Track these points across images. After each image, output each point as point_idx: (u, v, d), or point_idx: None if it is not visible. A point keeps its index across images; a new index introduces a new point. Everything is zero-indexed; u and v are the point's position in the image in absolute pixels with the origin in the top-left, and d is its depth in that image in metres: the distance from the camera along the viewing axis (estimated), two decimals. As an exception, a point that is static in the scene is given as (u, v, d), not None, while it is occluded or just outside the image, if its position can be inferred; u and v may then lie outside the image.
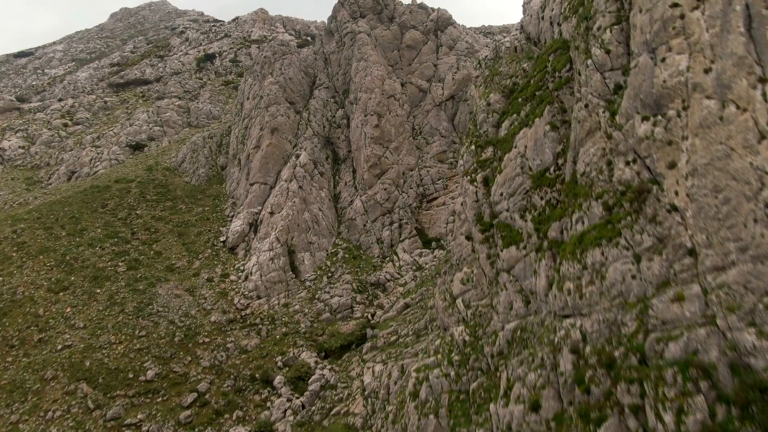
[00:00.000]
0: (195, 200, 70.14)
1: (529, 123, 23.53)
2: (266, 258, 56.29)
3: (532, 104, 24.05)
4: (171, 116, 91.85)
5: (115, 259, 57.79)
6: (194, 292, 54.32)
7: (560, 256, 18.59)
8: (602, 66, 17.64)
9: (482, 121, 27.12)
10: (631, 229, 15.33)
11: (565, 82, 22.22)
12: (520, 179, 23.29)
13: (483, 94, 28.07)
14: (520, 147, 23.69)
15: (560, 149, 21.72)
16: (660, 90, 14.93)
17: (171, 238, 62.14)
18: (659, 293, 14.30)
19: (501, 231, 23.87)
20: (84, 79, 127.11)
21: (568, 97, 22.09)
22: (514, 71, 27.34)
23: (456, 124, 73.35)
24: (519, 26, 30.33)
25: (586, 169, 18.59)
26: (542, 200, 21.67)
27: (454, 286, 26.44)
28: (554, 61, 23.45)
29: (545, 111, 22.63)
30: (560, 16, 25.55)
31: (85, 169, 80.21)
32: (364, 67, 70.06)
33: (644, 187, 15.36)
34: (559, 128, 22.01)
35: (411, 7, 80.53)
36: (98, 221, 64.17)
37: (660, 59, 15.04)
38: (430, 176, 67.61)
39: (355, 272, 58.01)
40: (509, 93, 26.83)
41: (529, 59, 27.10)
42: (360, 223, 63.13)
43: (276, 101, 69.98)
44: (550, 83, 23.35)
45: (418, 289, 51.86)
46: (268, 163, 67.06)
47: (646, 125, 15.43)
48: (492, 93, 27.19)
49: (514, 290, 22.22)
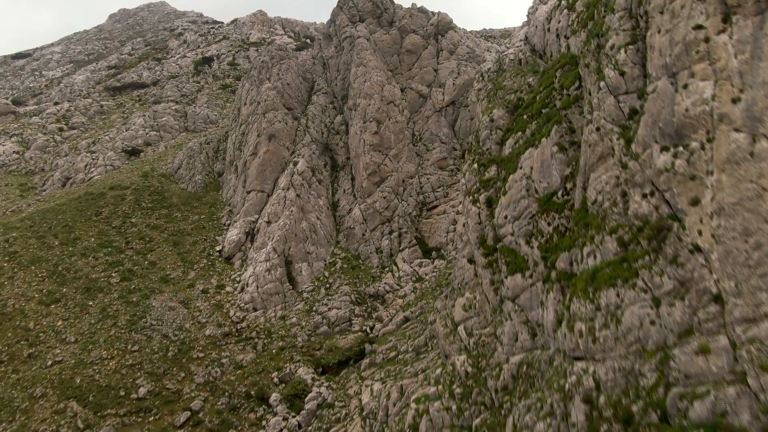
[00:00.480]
0: (191, 208, 68.90)
1: (535, 143, 22.32)
2: (263, 269, 55.06)
3: (539, 123, 22.83)
4: (167, 121, 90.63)
5: (109, 270, 56.54)
6: (189, 304, 53.08)
7: (570, 292, 17.36)
8: (616, 89, 16.42)
9: (485, 138, 25.90)
10: (650, 270, 14.10)
11: (574, 101, 21.00)
12: (526, 202, 22.08)
13: (486, 109, 26.84)
14: (526, 168, 22.47)
15: (569, 172, 20.51)
16: (681, 119, 13.70)
17: (166, 248, 60.91)
18: (681, 343, 13.08)
19: (505, 256, 22.65)
20: (81, 82, 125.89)
21: (576, 116, 20.87)
22: (519, 86, 26.12)
23: (457, 130, 72.16)
24: (523, 37, 29.10)
25: (598, 198, 17.37)
26: (549, 226, 20.45)
27: (455, 312, 25.22)
28: (562, 78, 22.22)
29: (552, 131, 21.42)
30: (567, 29, 24.32)
31: (79, 175, 78.99)
32: (363, 73, 68.83)
33: (663, 224, 14.13)
34: (567, 150, 20.80)
35: (411, 11, 79.30)
36: (92, 230, 62.92)
37: (681, 85, 13.81)
38: (430, 184, 66.38)
39: (354, 283, 56.78)
40: (513, 109, 25.62)
41: (535, 73, 25.88)
42: (359, 232, 61.90)
43: (273, 107, 68.75)
44: (558, 101, 22.12)
45: (418, 302, 50.64)
46: (265, 171, 65.84)
47: (665, 156, 14.20)
48: (495, 108, 25.97)
49: (520, 321, 21.01)
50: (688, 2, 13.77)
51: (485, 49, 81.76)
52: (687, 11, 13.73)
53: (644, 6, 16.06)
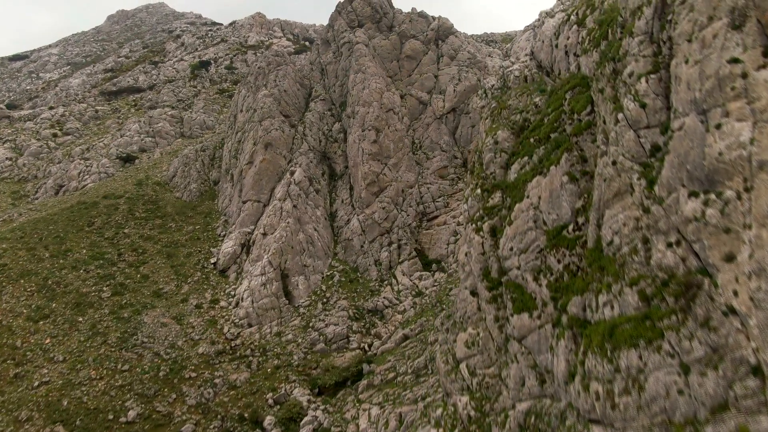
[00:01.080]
0: (186, 218, 67.35)
1: (544, 171, 20.76)
2: (258, 283, 53.51)
3: (547, 148, 21.27)
4: (163, 127, 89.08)
5: (100, 283, 55.00)
6: (182, 320, 51.54)
7: (584, 343, 15.79)
8: (636, 122, 14.86)
9: (489, 161, 24.35)
10: (677, 332, 12.54)
11: (586, 128, 19.45)
12: (533, 234, 20.52)
13: (490, 130, 25.28)
14: (533, 197, 20.91)
15: (580, 205, 18.95)
16: (714, 163, 12.14)
17: (159, 260, 59.36)
18: (715, 419, 11.51)
19: (511, 292, 21.09)
20: (76, 86, 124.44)
21: (589, 144, 19.31)
22: (525, 105, 24.55)
23: (458, 137, 70.58)
24: (529, 52, 27.52)
25: (614, 239, 15.82)
26: (559, 264, 18.89)
27: (457, 348, 23.66)
28: (572, 101, 20.67)
29: (562, 159, 19.86)
30: (577, 47, 22.77)
31: (73, 183, 77.47)
32: (361, 80, 67.26)
33: (692, 279, 12.57)
34: (578, 180, 19.25)
35: (411, 15, 77.72)
36: (84, 241, 61.37)
37: (714, 125, 12.25)
38: (430, 193, 64.82)
39: (352, 297, 55.25)
40: (519, 130, 24.07)
41: (542, 92, 24.31)
42: (357, 244, 60.35)
43: (270, 115, 67.19)
44: (568, 126, 20.56)
45: (418, 319, 49.10)
46: (261, 180, 64.28)
47: (694, 203, 12.64)
48: (500, 130, 24.41)
49: (527, 364, 19.45)
50: (721, 31, 12.20)
51: (486, 54, 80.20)
52: (720, 41, 12.17)
53: (668, 31, 14.50)
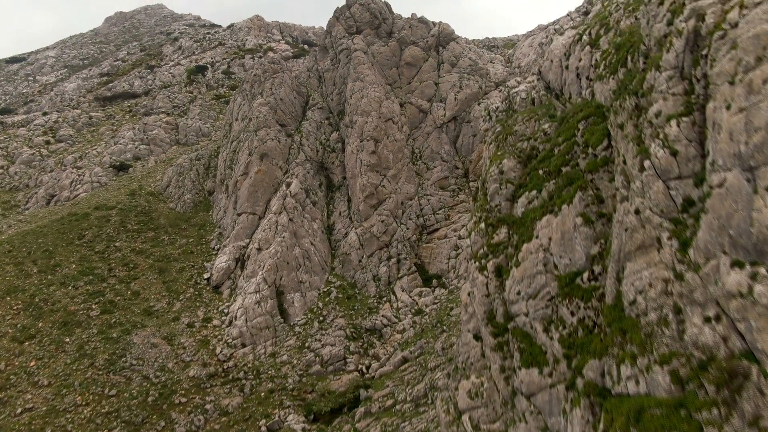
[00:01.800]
0: (179, 230, 65.49)
1: (555, 209, 18.91)
2: (252, 301, 51.65)
3: (558, 183, 19.40)
4: (158, 134, 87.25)
5: (89, 301, 53.15)
6: (173, 340, 49.68)
7: (604, 420, 13.92)
8: (666, 172, 12.98)
9: (494, 193, 22.47)
10: (720, 429, 10.64)
11: (602, 165, 17.59)
12: (543, 279, 18.66)
13: (495, 157, 23.41)
14: (543, 238, 19.04)
15: (596, 251, 17.08)
16: (764, 231, 10.26)
17: (151, 275, 57.48)
18: None
19: (518, 341, 19.23)
20: (72, 91, 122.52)
21: (605, 183, 17.44)
22: (533, 132, 22.70)
23: (458, 147, 68.67)
24: (536, 72, 25.65)
25: (638, 299, 13.96)
26: (573, 316, 17.03)
27: (459, 397, 21.79)
28: (586, 132, 18.81)
29: (576, 198, 18.01)
30: (591, 70, 20.92)
31: (64, 193, 75.65)
32: (360, 88, 65.38)
33: (737, 367, 10.69)
34: (594, 223, 17.39)
35: (410, 21, 75.77)
36: (73, 255, 59.53)
37: (763, 186, 10.37)
38: (430, 205, 62.94)
39: (349, 315, 53.39)
40: (527, 159, 22.21)
41: (551, 118, 22.45)
42: (355, 259, 58.48)
43: (266, 124, 65.33)
44: (581, 160, 18.70)
45: (417, 341, 47.23)
46: (256, 192, 62.44)
47: (738, 275, 10.76)
48: (506, 158, 22.56)
49: (537, 426, 17.57)
50: (774, 77, 10.30)
51: (488, 60, 78.30)
52: (772, 89, 10.27)
53: (703, 68, 12.62)
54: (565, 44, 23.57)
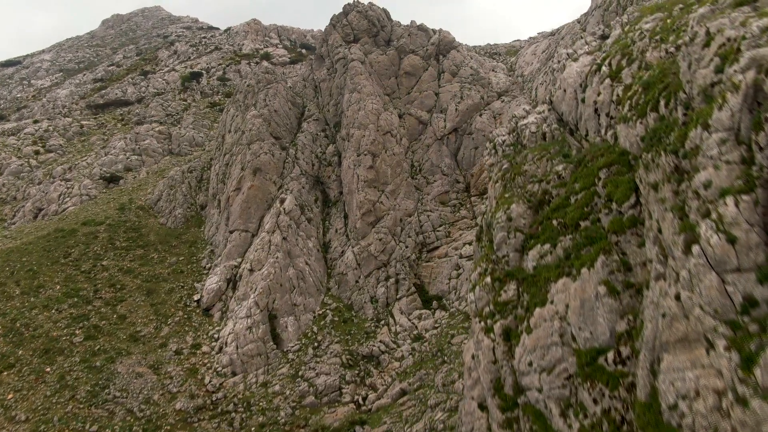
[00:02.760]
0: (169, 247, 63.03)
1: (573, 272, 16.45)
2: (243, 327, 49.20)
3: (575, 240, 16.94)
4: (150, 144, 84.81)
5: (73, 325, 50.72)
6: (159, 369, 47.22)
7: None
8: (721, 263, 10.49)
9: (501, 242, 20.01)
10: None
11: (630, 226, 15.13)
12: (560, 352, 16.21)
13: (501, 200, 20.95)
14: (559, 304, 16.58)
15: (623, 329, 14.64)
16: None
17: (138, 297, 55.04)
18: None
19: (531, 420, 16.78)
20: (64, 97, 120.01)
21: (634, 249, 14.98)
22: (545, 173, 20.24)
23: (459, 159, 66.29)
24: (547, 100, 23.18)
25: (680, 405, 11.50)
26: (596, 405, 14.58)
27: (463, 477, 19.34)
28: (608, 183, 16.37)
29: (598, 262, 15.55)
30: (611, 107, 18.47)
31: (52, 207, 73.19)
32: (357, 100, 62.88)
33: None
34: (620, 294, 14.95)
35: (410, 29, 73.24)
36: (58, 275, 57.10)
37: None
38: (430, 222, 60.47)
39: (346, 341, 50.91)
40: (538, 205, 19.74)
41: (566, 158, 19.98)
42: (352, 279, 56.01)
43: (259, 137, 62.86)
44: (603, 216, 16.23)
45: (417, 371, 44.77)
46: (249, 208, 59.98)
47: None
48: (514, 202, 20.09)
49: None
50: None
51: (490, 68, 75.85)
52: None
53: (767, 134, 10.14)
54: (580, 72, 21.08)
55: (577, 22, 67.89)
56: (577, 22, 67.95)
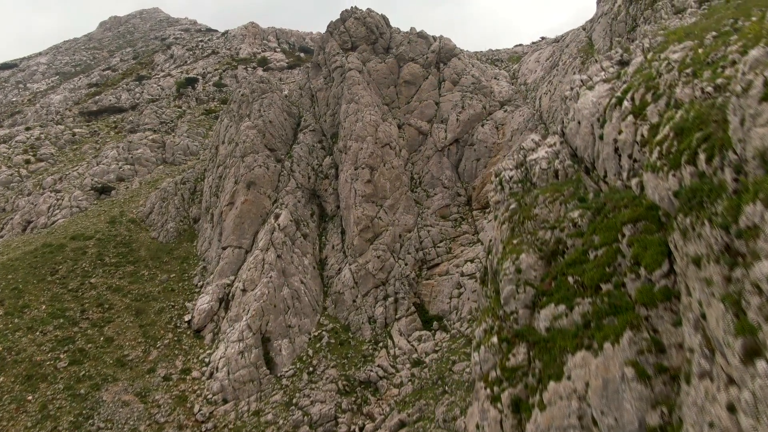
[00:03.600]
0: (160, 263, 60.88)
1: (593, 344, 14.34)
2: (235, 351, 47.05)
3: (596, 306, 14.81)
4: (143, 153, 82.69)
5: (57, 349, 48.57)
6: (147, 396, 45.07)
7: None
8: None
9: (509, 296, 17.86)
10: None
11: (662, 299, 12.97)
12: (579, 437, 13.96)
13: (509, 246, 18.79)
14: (577, 381, 14.42)
15: (657, 423, 12.47)
16: None
17: (127, 318, 52.90)
18: None
19: None
20: (58, 103, 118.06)
21: (668, 327, 12.84)
22: (558, 218, 18.08)
23: (461, 171, 64.12)
24: (559, 131, 21.02)
25: None
26: None
27: None
28: (635, 242, 14.24)
29: (624, 338, 13.44)
30: (635, 148, 16.34)
31: (41, 219, 71.10)
32: (354, 111, 60.70)
33: None
34: (651, 380, 12.79)
35: (409, 36, 71.01)
36: (44, 294, 54.97)
37: None
38: (430, 237, 58.29)
39: (342, 365, 48.74)
40: (551, 255, 17.59)
41: (582, 204, 17.81)
42: (349, 298, 53.83)
43: (253, 149, 60.70)
44: (629, 281, 14.09)
45: (416, 401, 42.60)
46: (243, 224, 57.83)
47: None
48: (524, 252, 17.94)
49: None
50: None
51: (492, 76, 73.64)
52: None
53: None
54: (596, 103, 18.91)
55: (582, 29, 65.70)
56: (582, 29, 65.78)
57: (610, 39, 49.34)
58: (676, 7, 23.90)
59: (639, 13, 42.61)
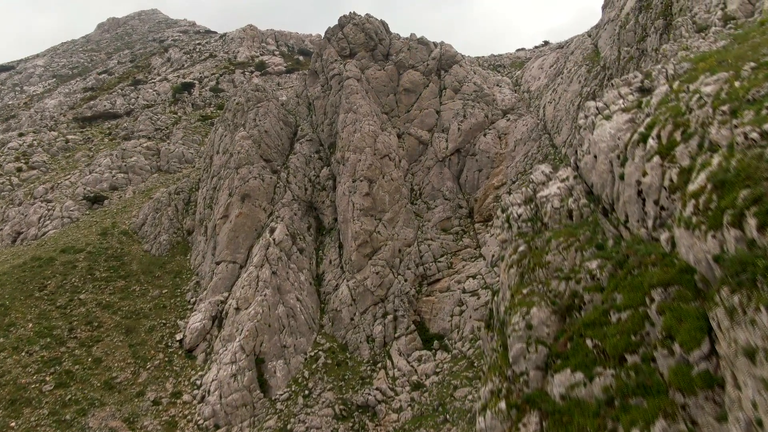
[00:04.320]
0: (152, 278, 59.01)
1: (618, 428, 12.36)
2: (227, 374, 45.20)
3: (620, 379, 12.96)
4: (137, 161, 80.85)
5: (44, 371, 46.73)
6: (135, 422, 43.24)
7: None
8: None
9: (518, 355, 16.01)
10: None
11: (703, 386, 11.06)
12: None
13: (518, 297, 16.93)
14: (601, 470, 12.45)
15: None
16: None
17: (116, 337, 51.06)
18: None
19: None
20: (53, 107, 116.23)
21: (710, 421, 10.94)
22: (573, 268, 16.21)
23: (462, 183, 62.25)
24: (573, 164, 19.14)
25: None
26: None
27: None
28: (666, 311, 12.37)
29: (656, 427, 11.53)
30: (662, 194, 14.50)
31: (32, 230, 69.25)
32: (352, 121, 58.81)
33: None
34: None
35: (409, 42, 69.05)
36: (32, 311, 53.14)
37: None
38: (431, 252, 56.41)
39: (339, 387, 46.89)
40: (566, 311, 15.74)
41: (600, 250, 15.95)
42: (346, 316, 51.97)
43: (248, 160, 58.83)
44: (661, 357, 12.23)
45: (416, 429, 40.73)
46: (237, 238, 55.99)
47: None
48: (535, 305, 16.10)
49: None
50: None
51: (494, 83, 71.74)
52: None
53: None
54: (615, 136, 17.04)
55: (587, 35, 63.78)
56: (587, 36, 63.84)
57: (618, 48, 47.41)
58: (698, 25, 22.06)
59: (649, 22, 40.67)
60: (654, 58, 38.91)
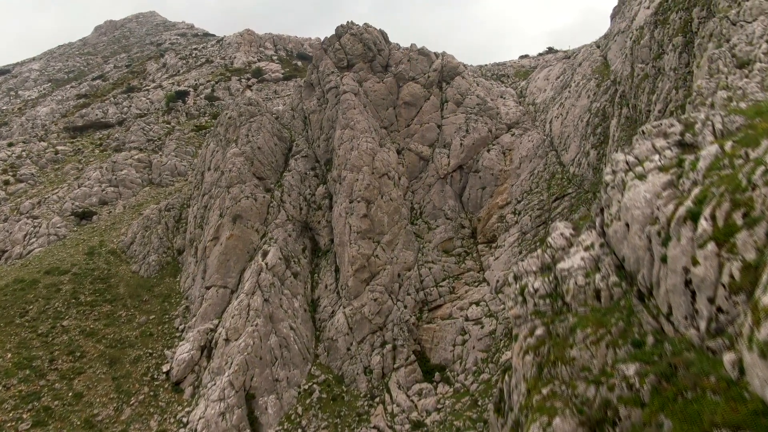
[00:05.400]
0: (140, 302, 56.25)
1: None
2: (215, 412, 42.43)
3: None
4: (128, 174, 78.12)
5: (21, 407, 44.01)
6: (116, 466, 40.54)
7: None
8: None
9: (539, 474, 13.05)
10: None
11: None
12: None
13: (536, 398, 14.29)
14: None
15: None
16: None
17: (99, 369, 48.31)
18: None
19: None
20: (44, 115, 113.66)
21: None
22: (603, 368, 13.49)
23: (465, 201, 59.45)
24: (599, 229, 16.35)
25: None
26: None
27: None
28: None
29: None
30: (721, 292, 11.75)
31: (17, 249, 66.55)
32: (349, 137, 56.00)
33: None
34: None
35: (409, 53, 66.18)
36: (11, 340, 50.42)
37: None
38: (432, 276, 53.63)
39: (334, 425, 44.12)
40: (595, 424, 12.91)
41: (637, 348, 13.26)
42: (343, 346, 49.21)
43: (240, 179, 56.06)
44: None
45: (416, 477, 37.96)
46: (228, 261, 53.24)
47: None
48: (558, 413, 13.43)
49: None
50: None
51: (498, 95, 68.90)
52: None
53: None
54: (651, 202, 14.29)
55: (596, 46, 60.89)
56: (596, 47, 60.96)
57: (631, 64, 44.55)
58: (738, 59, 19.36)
59: (666, 39, 37.82)
60: (672, 78, 36.11)
